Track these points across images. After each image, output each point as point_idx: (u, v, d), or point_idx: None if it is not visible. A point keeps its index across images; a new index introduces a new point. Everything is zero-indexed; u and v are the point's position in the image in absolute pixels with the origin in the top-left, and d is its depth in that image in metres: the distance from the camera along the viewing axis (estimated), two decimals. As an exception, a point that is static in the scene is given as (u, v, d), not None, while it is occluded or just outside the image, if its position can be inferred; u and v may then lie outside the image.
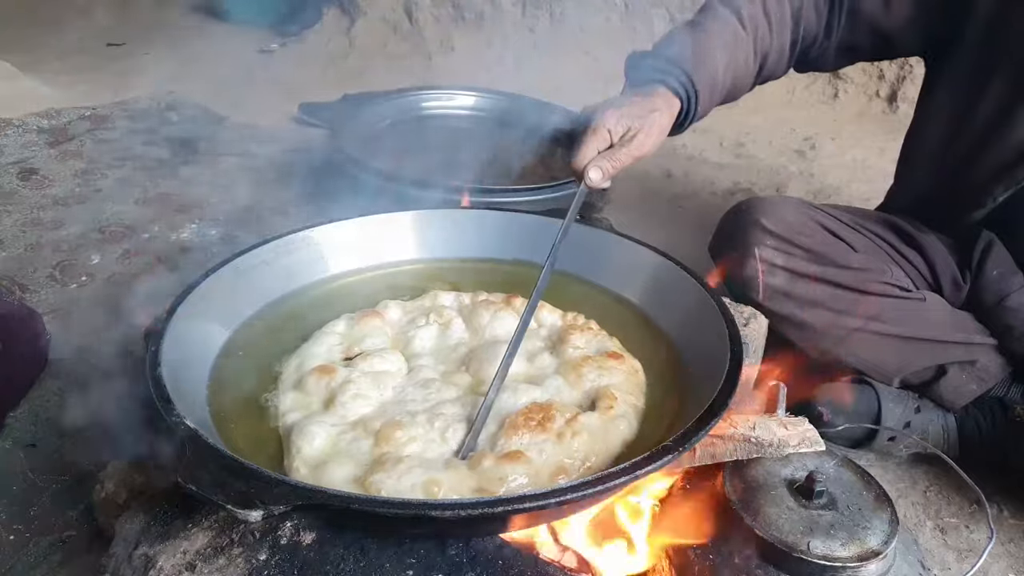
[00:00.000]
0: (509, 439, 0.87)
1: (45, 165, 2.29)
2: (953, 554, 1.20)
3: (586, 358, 1.02)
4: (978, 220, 1.31)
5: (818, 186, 2.50)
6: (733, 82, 1.31)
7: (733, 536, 0.91)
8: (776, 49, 1.33)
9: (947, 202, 1.34)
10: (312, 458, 0.85)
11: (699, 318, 1.05)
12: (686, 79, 1.22)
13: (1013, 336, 1.27)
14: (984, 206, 1.28)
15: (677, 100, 1.22)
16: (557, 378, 0.99)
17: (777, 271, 1.33)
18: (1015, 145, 1.22)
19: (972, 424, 1.31)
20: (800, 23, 1.32)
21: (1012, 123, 1.21)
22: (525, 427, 0.88)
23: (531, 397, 0.94)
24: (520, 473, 0.82)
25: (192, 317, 0.99)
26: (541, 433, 0.87)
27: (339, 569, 0.79)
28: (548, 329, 1.12)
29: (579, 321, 1.12)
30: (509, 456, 0.84)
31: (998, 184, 1.25)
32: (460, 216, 1.31)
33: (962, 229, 1.35)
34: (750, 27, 1.30)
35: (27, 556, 1.07)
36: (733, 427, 0.96)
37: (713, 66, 1.25)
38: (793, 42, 1.34)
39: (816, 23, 1.33)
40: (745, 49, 1.30)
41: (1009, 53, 1.21)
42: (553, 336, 1.10)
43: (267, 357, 1.05)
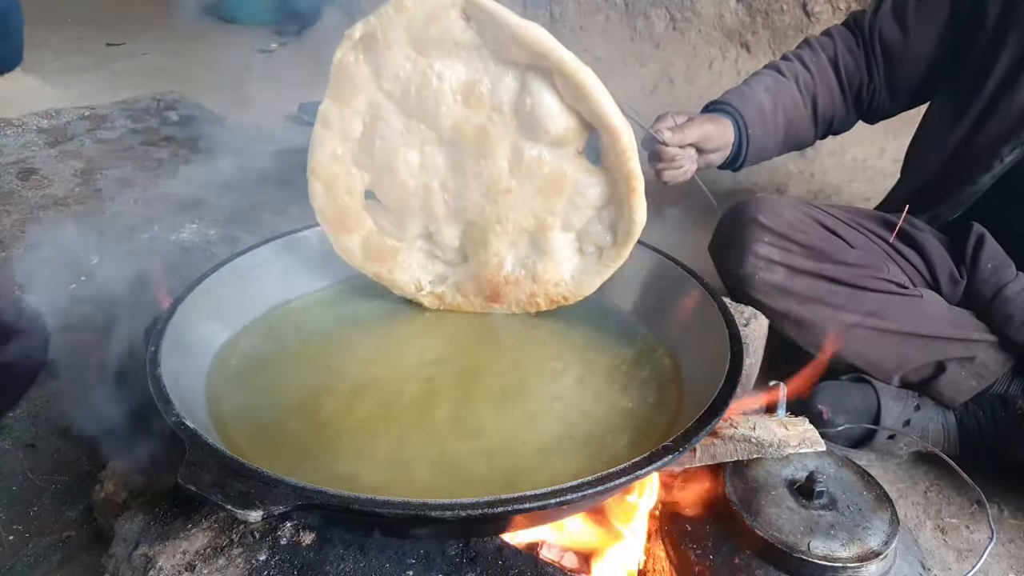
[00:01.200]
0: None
1: (45, 165, 2.29)
2: (953, 554, 1.20)
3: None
4: (984, 190, 1.32)
5: (818, 186, 2.50)
6: (787, 120, 1.43)
7: (733, 536, 0.91)
8: (824, 92, 1.45)
9: (955, 171, 1.35)
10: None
11: (699, 318, 1.05)
12: (732, 108, 1.38)
13: (1014, 325, 1.28)
14: (991, 169, 1.29)
15: (728, 119, 1.37)
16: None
17: (775, 267, 1.34)
18: (1020, 107, 1.24)
19: (972, 421, 1.31)
20: (840, 68, 1.45)
21: (1018, 87, 1.24)
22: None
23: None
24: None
25: (192, 317, 0.99)
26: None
27: (339, 569, 0.79)
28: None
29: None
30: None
31: (1005, 145, 1.26)
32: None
33: (960, 207, 1.37)
34: (790, 74, 1.44)
35: (27, 556, 1.07)
36: (733, 427, 0.96)
37: (757, 100, 1.40)
38: (840, 86, 1.46)
39: (855, 67, 1.44)
40: (790, 91, 1.43)
41: (1019, 27, 1.24)
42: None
43: (266, 357, 1.05)
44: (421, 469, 0.87)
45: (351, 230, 1.07)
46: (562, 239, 1.06)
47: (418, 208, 1.04)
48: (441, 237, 1.08)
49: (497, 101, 0.96)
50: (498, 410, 0.96)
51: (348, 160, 1.02)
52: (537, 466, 0.88)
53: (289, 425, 0.93)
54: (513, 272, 1.08)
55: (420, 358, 1.06)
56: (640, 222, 1.00)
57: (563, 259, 1.07)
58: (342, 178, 1.03)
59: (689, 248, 1.41)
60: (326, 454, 0.89)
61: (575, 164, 1.01)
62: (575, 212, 1.03)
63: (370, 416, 0.95)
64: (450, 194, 1.03)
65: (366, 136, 1.00)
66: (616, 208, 1.02)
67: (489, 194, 1.02)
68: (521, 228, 1.04)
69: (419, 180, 1.02)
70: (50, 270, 1.74)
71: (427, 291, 1.13)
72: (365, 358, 1.05)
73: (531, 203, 1.02)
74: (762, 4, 2.93)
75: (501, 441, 0.91)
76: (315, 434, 0.92)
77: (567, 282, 1.08)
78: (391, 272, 1.10)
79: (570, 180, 1.00)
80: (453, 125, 0.98)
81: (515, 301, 1.11)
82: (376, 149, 1.00)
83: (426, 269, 1.12)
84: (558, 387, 1.01)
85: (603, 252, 1.06)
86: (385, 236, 1.08)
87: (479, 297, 1.12)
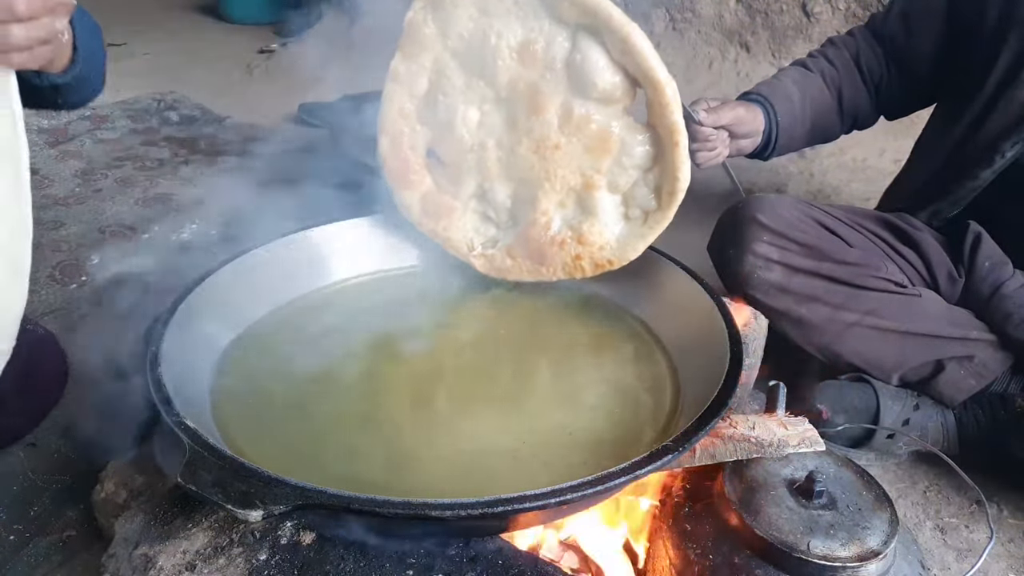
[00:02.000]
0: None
1: (45, 165, 2.29)
2: (953, 554, 1.20)
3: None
4: (984, 186, 1.32)
5: (818, 186, 2.50)
6: (814, 112, 1.47)
7: (733, 536, 0.91)
8: (848, 87, 1.48)
9: (956, 166, 1.36)
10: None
11: (699, 318, 1.05)
12: (761, 97, 1.42)
13: (1012, 323, 1.28)
14: (992, 165, 1.29)
15: (758, 107, 1.40)
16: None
17: (774, 266, 1.34)
18: (1021, 103, 1.25)
19: (972, 420, 1.31)
20: (862, 65, 1.48)
21: (1018, 83, 1.25)
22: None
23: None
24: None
25: (192, 317, 0.99)
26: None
27: (339, 569, 0.79)
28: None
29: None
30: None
31: (1006, 140, 1.27)
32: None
33: (961, 202, 1.37)
34: (816, 69, 1.49)
35: (27, 556, 1.07)
36: (733, 427, 0.96)
37: (785, 91, 1.43)
38: (863, 82, 1.49)
39: (877, 64, 1.48)
40: (817, 84, 1.47)
41: (1019, 25, 1.25)
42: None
43: (267, 357, 1.05)
44: (421, 469, 0.87)
45: (412, 186, 1.14)
46: (608, 201, 1.09)
47: (473, 165, 1.10)
48: (494, 195, 1.12)
49: (550, 59, 1.02)
50: (498, 410, 0.96)
51: (413, 116, 1.10)
52: (536, 466, 0.88)
53: (290, 425, 0.93)
54: (560, 233, 1.11)
55: (422, 358, 1.06)
56: (684, 180, 1.03)
57: (608, 221, 1.10)
58: (407, 134, 1.11)
59: (689, 248, 1.41)
60: (327, 454, 0.89)
61: (622, 123, 1.04)
62: (621, 172, 1.06)
63: (371, 415, 0.95)
64: (504, 151, 1.09)
65: (430, 93, 1.08)
66: (661, 170, 1.05)
67: (539, 150, 1.06)
68: (568, 187, 1.08)
69: (476, 137, 1.08)
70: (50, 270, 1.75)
71: (478, 252, 1.17)
72: (366, 357, 1.05)
73: (579, 160, 1.06)
74: (762, 4, 2.94)
75: (501, 441, 0.91)
76: (316, 434, 0.92)
77: (612, 246, 1.10)
78: (446, 230, 1.16)
79: (617, 138, 1.04)
80: (509, 82, 1.04)
81: (561, 264, 1.13)
82: (438, 105, 1.08)
83: (479, 231, 1.17)
84: (557, 387, 1.01)
85: (648, 216, 1.09)
86: (442, 193, 1.14)
87: (527, 260, 1.15)
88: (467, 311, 1.15)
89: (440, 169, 1.13)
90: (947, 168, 1.38)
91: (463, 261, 1.22)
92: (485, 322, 1.14)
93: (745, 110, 1.39)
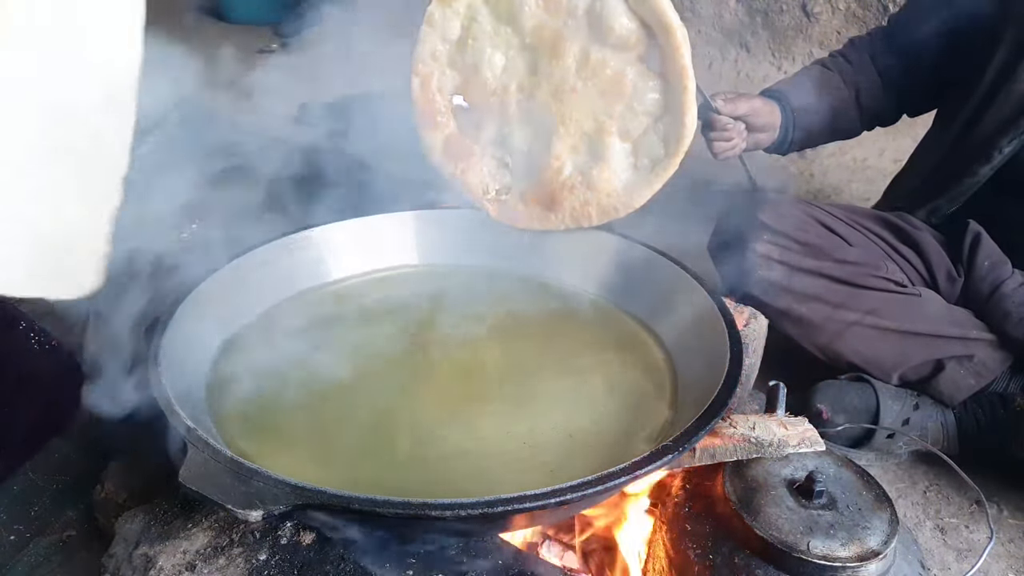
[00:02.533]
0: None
1: (45, 165, 2.29)
2: (953, 554, 1.20)
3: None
4: (984, 181, 1.33)
5: (818, 186, 2.50)
6: (833, 108, 1.48)
7: (733, 536, 0.91)
8: (867, 82, 1.50)
9: (955, 163, 1.37)
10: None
11: (699, 318, 1.05)
12: (779, 94, 1.44)
13: (1011, 321, 1.28)
14: (991, 161, 1.30)
15: (775, 102, 1.43)
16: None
17: (774, 265, 1.34)
18: (1018, 98, 1.26)
19: (971, 420, 1.31)
20: (879, 63, 1.50)
21: (1015, 79, 1.26)
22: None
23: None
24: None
25: (192, 317, 0.99)
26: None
27: (339, 569, 0.79)
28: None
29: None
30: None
31: (1004, 136, 1.28)
32: (462, 216, 1.31)
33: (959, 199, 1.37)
34: (834, 67, 1.52)
35: (27, 556, 1.07)
36: (733, 427, 0.96)
37: (803, 87, 1.46)
38: (882, 79, 1.50)
39: (895, 62, 1.49)
40: (835, 81, 1.50)
41: (1014, 20, 1.26)
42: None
43: (267, 357, 1.05)
44: (421, 468, 0.87)
45: (437, 127, 1.21)
46: (619, 148, 1.13)
47: (495, 109, 1.17)
48: (511, 140, 1.19)
49: (573, 6, 1.09)
50: (498, 411, 0.96)
51: (444, 60, 1.17)
52: (535, 466, 0.88)
53: (290, 425, 0.93)
54: (570, 177, 1.16)
55: (422, 357, 1.06)
56: (690, 125, 1.08)
57: (618, 168, 1.14)
58: (436, 76, 1.18)
59: (689, 248, 1.41)
60: (328, 453, 0.89)
61: (635, 69, 1.09)
62: (632, 118, 1.11)
63: (373, 415, 0.95)
64: (524, 95, 1.15)
65: (461, 38, 1.14)
66: (671, 119, 1.09)
67: (557, 93, 1.13)
68: (582, 131, 1.14)
69: (500, 81, 1.15)
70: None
71: (492, 196, 1.22)
72: (367, 357, 1.05)
73: (593, 105, 1.12)
74: (762, 4, 2.94)
75: (502, 442, 0.91)
76: (317, 433, 0.92)
77: (619, 192, 1.14)
78: (463, 173, 1.21)
79: (630, 83, 1.09)
80: (534, 29, 1.11)
81: (570, 210, 1.17)
82: (468, 49, 1.15)
83: (494, 177, 1.22)
84: (557, 387, 1.01)
85: (656, 163, 1.12)
86: (464, 137, 1.20)
87: (537, 206, 1.19)
88: (467, 311, 1.15)
89: (463, 114, 1.20)
90: (945, 164, 1.39)
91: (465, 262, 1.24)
92: (485, 322, 1.14)
93: (762, 103, 1.41)
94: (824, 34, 2.80)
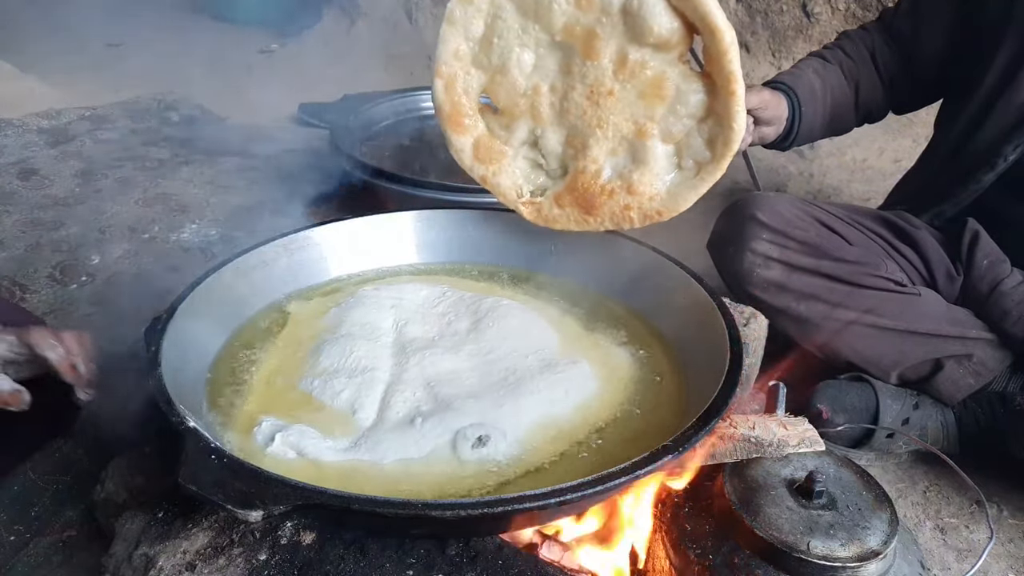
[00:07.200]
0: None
1: (45, 165, 2.29)
2: (953, 554, 1.20)
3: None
4: (987, 186, 1.33)
5: (818, 186, 2.50)
6: (834, 103, 1.46)
7: (733, 536, 0.91)
8: (865, 77, 1.48)
9: (958, 169, 1.36)
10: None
11: (699, 318, 1.05)
12: (785, 86, 1.40)
13: (1010, 320, 1.28)
14: (995, 168, 1.30)
15: (782, 94, 1.38)
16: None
17: (773, 264, 1.34)
18: (1019, 106, 1.26)
19: (971, 419, 1.31)
20: (878, 59, 1.49)
21: (1017, 85, 1.25)
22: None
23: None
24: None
25: (192, 317, 0.99)
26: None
27: (339, 569, 0.79)
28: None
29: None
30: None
31: (1008, 143, 1.27)
32: (461, 217, 1.31)
33: (963, 204, 1.37)
34: (834, 60, 1.49)
35: (27, 556, 1.07)
36: (733, 427, 0.96)
37: (808, 80, 1.43)
38: (879, 75, 1.49)
39: (892, 59, 1.48)
40: (836, 75, 1.47)
41: (1015, 26, 1.26)
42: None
43: (267, 357, 1.05)
44: (420, 468, 0.87)
45: (464, 130, 1.13)
46: (660, 150, 1.07)
47: (526, 110, 1.10)
48: (545, 141, 1.12)
49: (607, 3, 1.01)
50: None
51: (468, 60, 1.09)
52: (536, 466, 0.88)
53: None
54: (610, 182, 1.10)
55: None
56: (739, 130, 1.01)
57: (660, 171, 1.08)
58: (460, 77, 1.10)
59: (689, 247, 1.41)
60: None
61: (678, 69, 1.03)
62: (675, 121, 1.05)
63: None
64: (557, 96, 1.08)
65: (485, 36, 1.07)
66: (716, 121, 1.03)
67: (592, 96, 1.06)
68: (621, 135, 1.07)
69: (530, 81, 1.09)
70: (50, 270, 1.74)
71: (526, 199, 1.16)
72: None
73: (632, 108, 1.06)
74: (762, 4, 2.93)
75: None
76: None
77: (662, 195, 1.09)
78: (495, 176, 1.15)
79: (672, 85, 1.03)
80: (565, 26, 1.03)
81: (609, 214, 1.12)
82: (493, 48, 1.07)
83: (528, 179, 1.17)
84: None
85: (700, 167, 1.07)
86: (494, 138, 1.14)
87: (575, 208, 1.13)
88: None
89: (492, 115, 1.14)
90: (948, 170, 1.38)
91: (465, 261, 1.22)
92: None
93: (770, 94, 1.37)
94: (824, 34, 2.79)
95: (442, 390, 0.98)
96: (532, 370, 1.02)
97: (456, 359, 1.05)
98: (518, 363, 1.04)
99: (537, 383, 0.99)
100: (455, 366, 1.03)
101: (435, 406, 0.95)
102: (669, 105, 1.04)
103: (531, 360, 1.05)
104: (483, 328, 1.10)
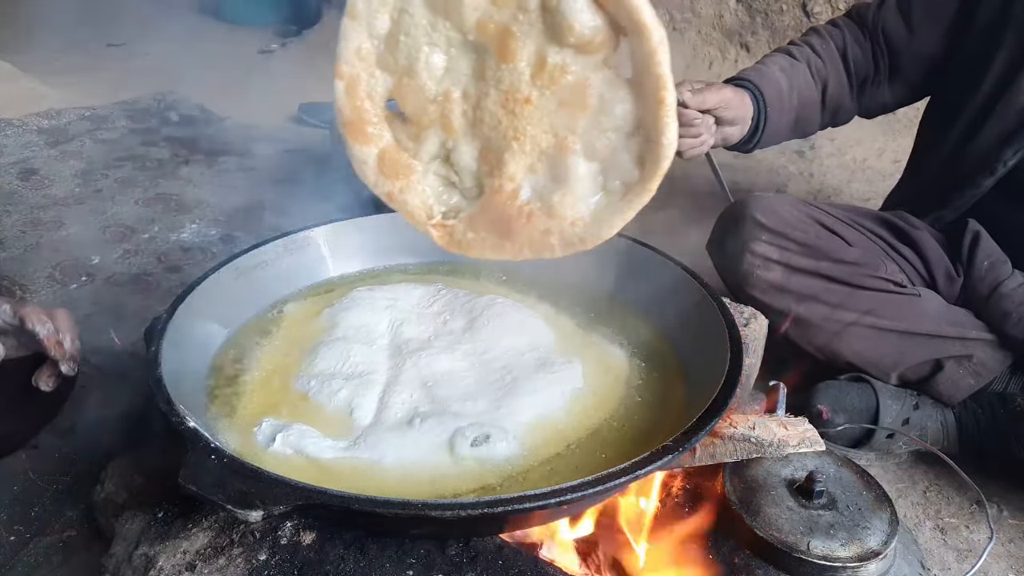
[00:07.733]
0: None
1: (45, 165, 2.30)
2: (953, 554, 1.20)
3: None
4: (986, 191, 1.32)
5: (818, 186, 2.50)
6: (800, 103, 1.42)
7: (733, 536, 0.91)
8: (834, 77, 1.44)
9: (956, 173, 1.36)
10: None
11: (699, 318, 1.05)
12: (751, 84, 1.36)
13: (1011, 321, 1.28)
14: (994, 173, 1.29)
15: (747, 92, 1.34)
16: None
17: (772, 265, 1.34)
18: (1019, 109, 1.25)
19: (971, 420, 1.31)
20: (848, 59, 1.44)
21: (1016, 89, 1.24)
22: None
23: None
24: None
25: (192, 317, 0.99)
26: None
27: (339, 569, 0.79)
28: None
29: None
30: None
31: (1007, 148, 1.27)
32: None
33: (962, 208, 1.36)
34: (802, 57, 1.44)
35: (27, 556, 1.07)
36: (733, 427, 0.96)
37: (774, 79, 1.38)
38: (848, 75, 1.45)
39: (863, 58, 1.44)
40: (803, 74, 1.42)
41: (1014, 27, 1.24)
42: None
43: (267, 357, 1.05)
44: (419, 467, 0.87)
45: (368, 139, 1.00)
46: (584, 168, 0.94)
47: (436, 119, 0.97)
48: (458, 156, 1.00)
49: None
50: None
51: (372, 60, 0.96)
52: (534, 465, 0.88)
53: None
54: (528, 203, 0.97)
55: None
56: (669, 144, 0.89)
57: (583, 193, 0.95)
58: (364, 79, 0.97)
59: (689, 248, 1.41)
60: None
61: (602, 75, 0.91)
62: (599, 135, 0.92)
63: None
64: (469, 104, 0.96)
65: (391, 33, 0.94)
66: (645, 136, 0.91)
67: (508, 104, 0.94)
68: (540, 149, 0.95)
69: (440, 86, 0.96)
70: (50, 270, 1.75)
71: (437, 221, 1.03)
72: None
73: (552, 118, 0.93)
74: (762, 4, 2.94)
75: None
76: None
77: (585, 220, 0.95)
78: (402, 193, 1.02)
79: (595, 92, 0.91)
80: (478, 23, 0.91)
81: (528, 240, 0.99)
82: (400, 47, 0.94)
83: (440, 199, 1.03)
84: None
85: (629, 188, 0.94)
86: (402, 151, 1.01)
87: (491, 233, 1.01)
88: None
89: (400, 124, 1.00)
90: (946, 175, 1.38)
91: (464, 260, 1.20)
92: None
93: (733, 93, 1.31)
94: (824, 34, 2.80)
95: (439, 391, 0.98)
96: (528, 369, 1.02)
97: (452, 359, 1.04)
98: (514, 362, 1.04)
99: (534, 382, 0.99)
100: (451, 366, 1.03)
101: (433, 407, 0.95)
102: (592, 116, 0.91)
103: (527, 359, 1.04)
104: (478, 327, 1.10)
